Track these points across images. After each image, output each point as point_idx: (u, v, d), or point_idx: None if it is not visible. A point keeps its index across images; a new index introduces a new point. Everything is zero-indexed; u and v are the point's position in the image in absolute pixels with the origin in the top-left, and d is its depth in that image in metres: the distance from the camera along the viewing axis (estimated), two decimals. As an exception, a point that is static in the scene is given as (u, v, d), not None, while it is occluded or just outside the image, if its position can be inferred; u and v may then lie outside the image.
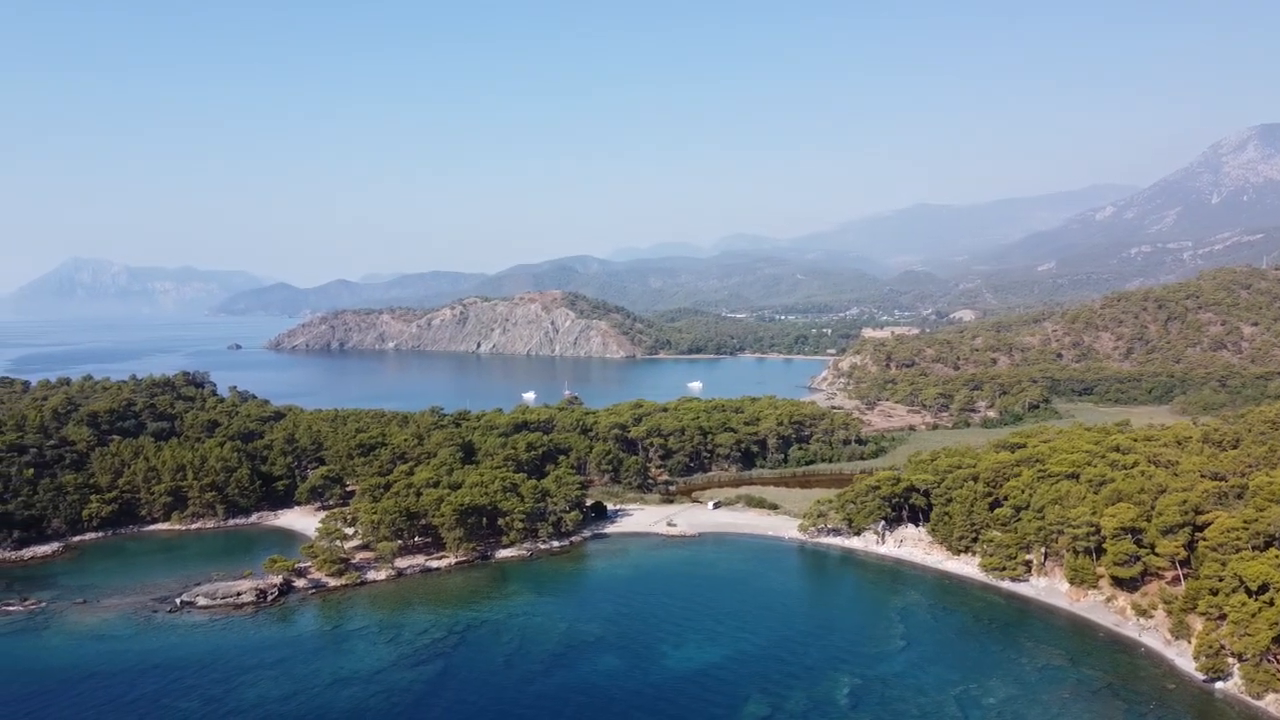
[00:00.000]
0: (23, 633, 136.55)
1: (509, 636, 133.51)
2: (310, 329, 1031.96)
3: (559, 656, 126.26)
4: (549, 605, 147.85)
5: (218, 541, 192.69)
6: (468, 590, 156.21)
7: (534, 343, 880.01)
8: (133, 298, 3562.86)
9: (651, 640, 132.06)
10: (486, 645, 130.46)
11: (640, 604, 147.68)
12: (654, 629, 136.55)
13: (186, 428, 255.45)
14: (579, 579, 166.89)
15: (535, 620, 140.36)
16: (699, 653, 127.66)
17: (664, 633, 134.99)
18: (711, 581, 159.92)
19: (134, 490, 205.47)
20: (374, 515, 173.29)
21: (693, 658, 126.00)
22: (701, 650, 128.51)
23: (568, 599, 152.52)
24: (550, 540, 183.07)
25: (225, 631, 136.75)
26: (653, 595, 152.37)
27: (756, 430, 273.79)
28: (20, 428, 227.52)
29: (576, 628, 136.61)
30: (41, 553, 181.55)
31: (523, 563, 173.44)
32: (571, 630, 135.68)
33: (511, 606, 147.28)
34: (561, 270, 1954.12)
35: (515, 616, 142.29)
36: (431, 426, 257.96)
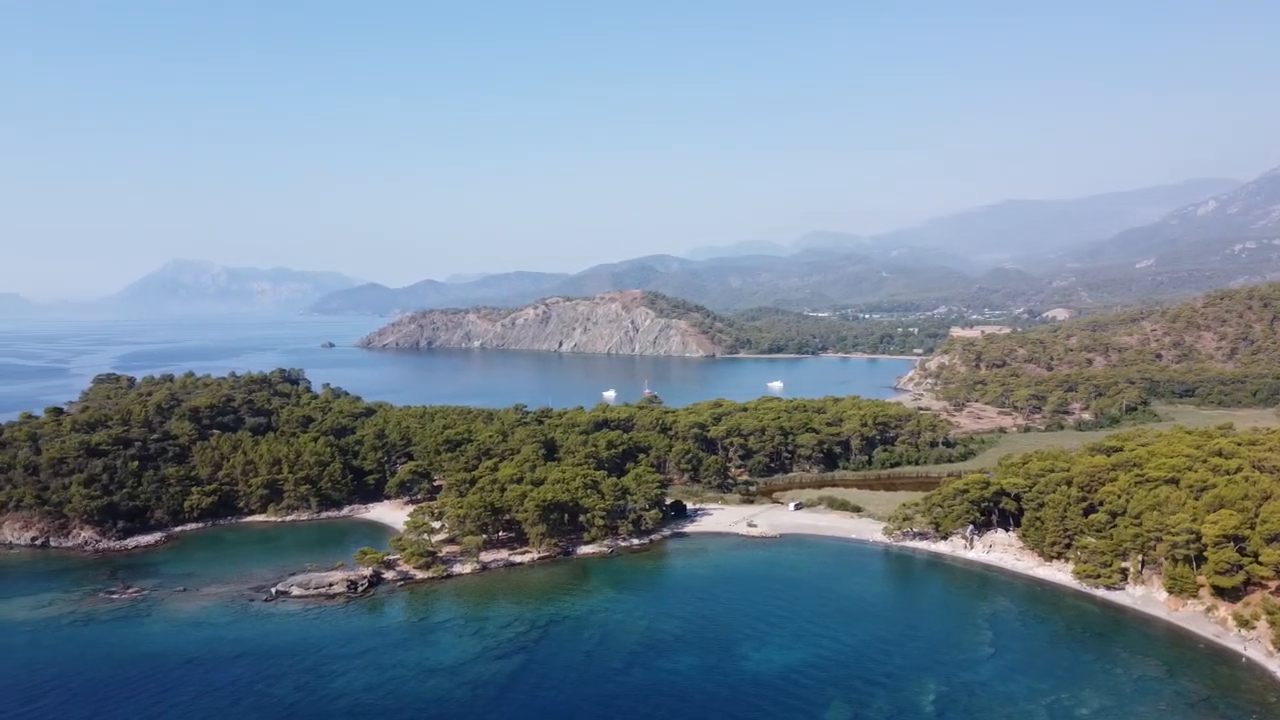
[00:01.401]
0: (126, 619, 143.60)
1: (590, 632, 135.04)
2: (400, 328, 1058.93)
3: (639, 654, 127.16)
4: (629, 602, 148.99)
5: (311, 533, 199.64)
6: (550, 585, 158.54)
7: (614, 342, 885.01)
8: (231, 297, 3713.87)
9: (732, 641, 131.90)
10: (568, 641, 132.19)
11: (720, 604, 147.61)
12: (734, 629, 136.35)
13: (282, 423, 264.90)
14: (659, 577, 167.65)
15: (615, 617, 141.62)
16: (780, 655, 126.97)
17: (744, 633, 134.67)
18: (793, 583, 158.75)
19: (232, 483, 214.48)
20: (460, 510, 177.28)
21: (774, 659, 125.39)
22: (783, 652, 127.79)
23: (648, 597, 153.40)
24: (630, 538, 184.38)
25: (317, 621, 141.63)
26: (733, 596, 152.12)
27: (839, 431, 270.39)
28: (126, 422, 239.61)
29: (656, 626, 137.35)
30: (145, 542, 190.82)
31: (603, 559, 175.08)
32: (651, 628, 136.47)
33: (592, 603, 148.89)
34: (641, 270, 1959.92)
35: (596, 613, 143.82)
36: (515, 423, 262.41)
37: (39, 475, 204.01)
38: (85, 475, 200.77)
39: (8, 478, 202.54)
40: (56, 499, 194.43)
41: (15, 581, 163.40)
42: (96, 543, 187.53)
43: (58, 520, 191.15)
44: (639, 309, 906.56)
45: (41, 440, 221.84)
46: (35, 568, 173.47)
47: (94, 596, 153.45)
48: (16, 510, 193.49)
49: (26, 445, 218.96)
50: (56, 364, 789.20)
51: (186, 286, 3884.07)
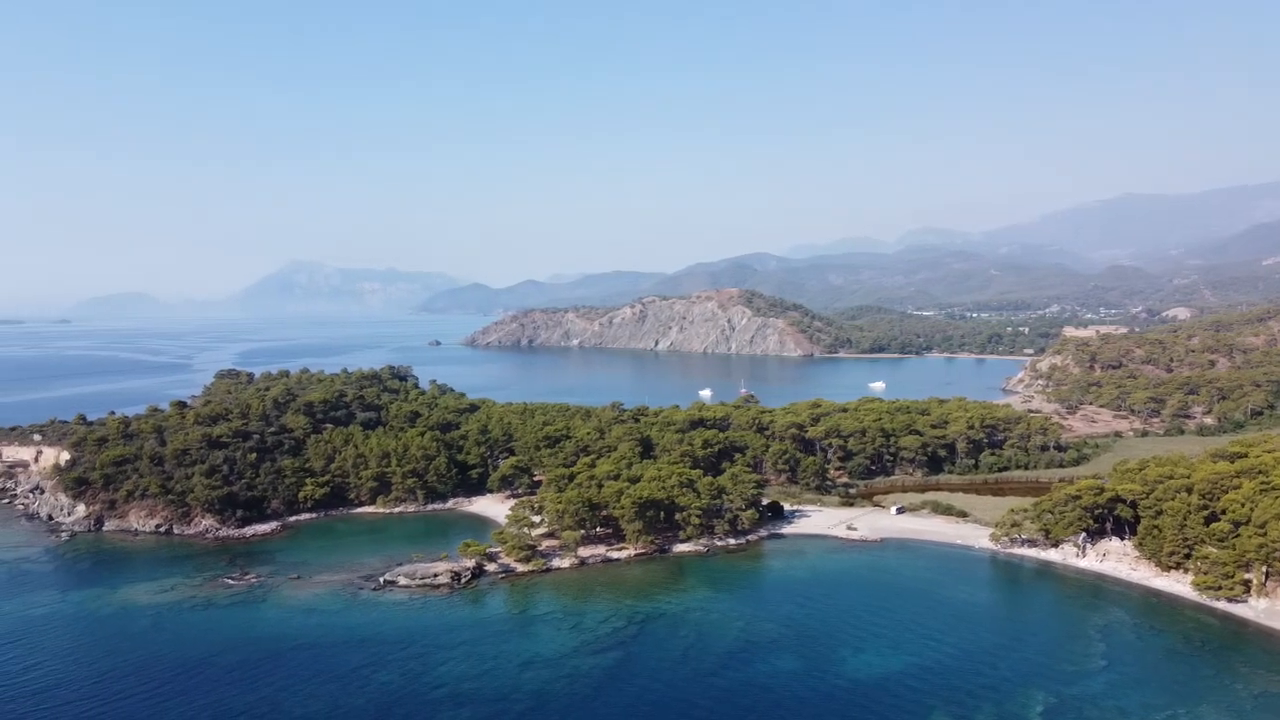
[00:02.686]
0: (242, 604, 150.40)
1: (686, 631, 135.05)
2: (502, 326, 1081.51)
3: (735, 654, 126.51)
4: (725, 602, 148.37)
5: (417, 525, 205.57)
6: (646, 582, 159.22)
7: (710, 340, 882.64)
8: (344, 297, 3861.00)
9: (830, 644, 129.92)
10: (664, 638, 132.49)
11: (818, 607, 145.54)
12: (833, 633, 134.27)
13: (391, 418, 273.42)
14: (756, 578, 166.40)
15: (712, 616, 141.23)
16: (880, 660, 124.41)
17: (843, 637, 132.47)
18: (894, 588, 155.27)
19: (344, 475, 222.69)
20: (559, 505, 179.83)
21: (873, 665, 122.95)
22: (883, 658, 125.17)
23: (744, 597, 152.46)
24: (727, 537, 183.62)
25: (423, 610, 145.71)
26: (831, 599, 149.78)
27: (944, 433, 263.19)
28: (245, 416, 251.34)
29: (753, 627, 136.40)
30: (261, 531, 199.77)
31: (699, 558, 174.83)
32: (748, 629, 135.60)
33: (689, 601, 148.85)
34: (739, 268, 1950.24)
35: (692, 611, 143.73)
36: (612, 421, 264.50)
37: (164, 466, 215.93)
38: (207, 466, 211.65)
39: (134, 468, 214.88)
40: (180, 488, 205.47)
41: (140, 567, 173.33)
42: (216, 531, 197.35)
43: (181, 509, 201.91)
44: (736, 308, 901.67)
45: (166, 432, 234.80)
46: (159, 554, 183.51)
47: (213, 582, 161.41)
48: (142, 499, 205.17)
49: (152, 437, 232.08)
50: (181, 360, 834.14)
51: (302, 286, 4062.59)
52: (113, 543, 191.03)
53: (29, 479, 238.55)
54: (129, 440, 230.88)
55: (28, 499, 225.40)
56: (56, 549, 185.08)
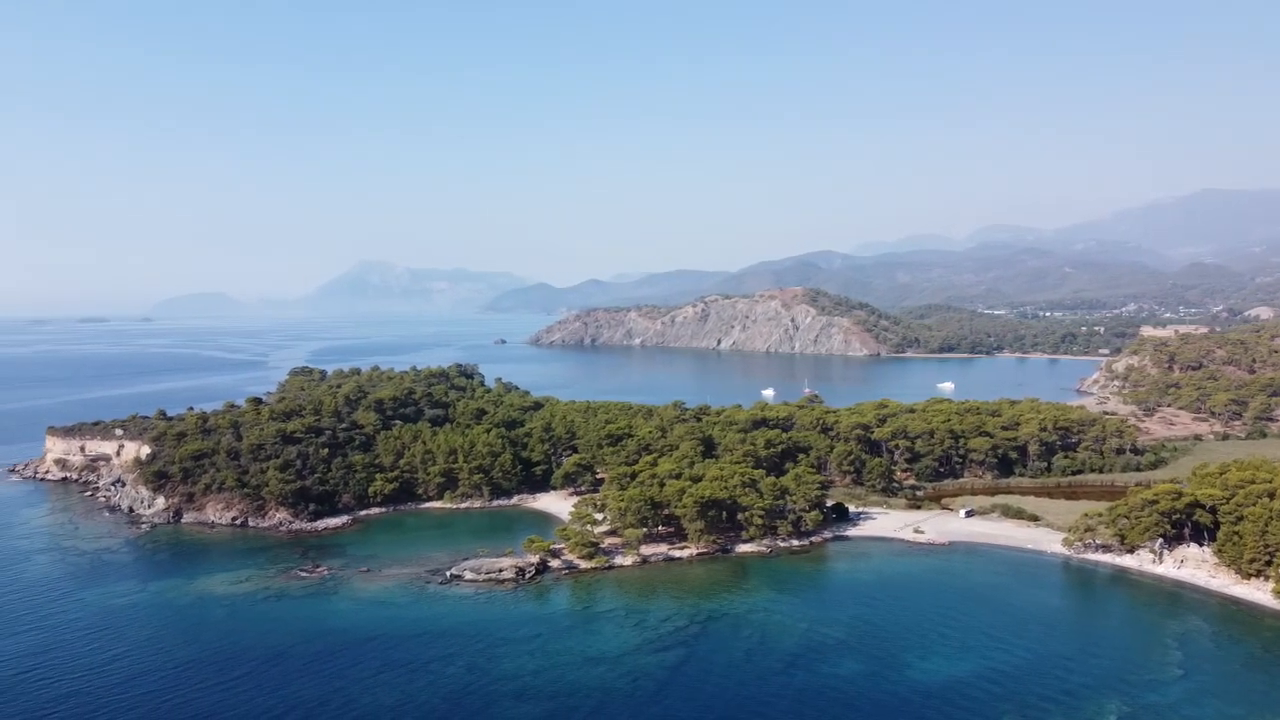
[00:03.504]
0: (315, 596, 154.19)
1: (749, 631, 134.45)
2: (565, 325, 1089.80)
3: (798, 656, 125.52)
4: (789, 604, 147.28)
5: (483, 520, 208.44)
6: (709, 582, 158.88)
7: (774, 340, 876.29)
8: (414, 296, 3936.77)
9: (896, 648, 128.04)
10: (726, 638, 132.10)
11: (884, 610, 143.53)
12: (899, 637, 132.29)
13: (458, 415, 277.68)
14: (819, 579, 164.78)
15: (775, 618, 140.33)
16: (947, 665, 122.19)
17: (910, 641, 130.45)
18: (962, 593, 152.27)
19: (412, 470, 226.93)
20: (621, 503, 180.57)
21: (940, 670, 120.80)
22: (950, 663, 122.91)
23: (808, 599, 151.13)
24: (790, 538, 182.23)
25: (488, 605, 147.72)
26: (897, 602, 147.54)
27: (1015, 435, 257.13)
28: (318, 412, 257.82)
29: (817, 629, 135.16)
30: (333, 524, 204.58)
31: (762, 559, 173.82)
32: (812, 631, 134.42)
33: (751, 602, 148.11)
34: (803, 266, 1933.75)
35: (755, 612, 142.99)
36: (674, 420, 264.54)
37: (239, 460, 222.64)
38: (281, 461, 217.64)
39: (212, 462, 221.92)
40: (255, 482, 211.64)
41: (216, 558, 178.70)
42: (290, 524, 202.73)
43: (256, 502, 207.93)
44: (800, 306, 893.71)
45: (242, 428, 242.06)
46: (234, 546, 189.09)
47: (286, 574, 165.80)
48: (219, 492, 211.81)
49: (229, 432, 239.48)
50: (257, 357, 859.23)
51: (373, 286, 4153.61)
52: (190, 535, 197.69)
53: (111, 472, 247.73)
54: (207, 435, 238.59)
55: (110, 492, 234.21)
56: (136, 540, 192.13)
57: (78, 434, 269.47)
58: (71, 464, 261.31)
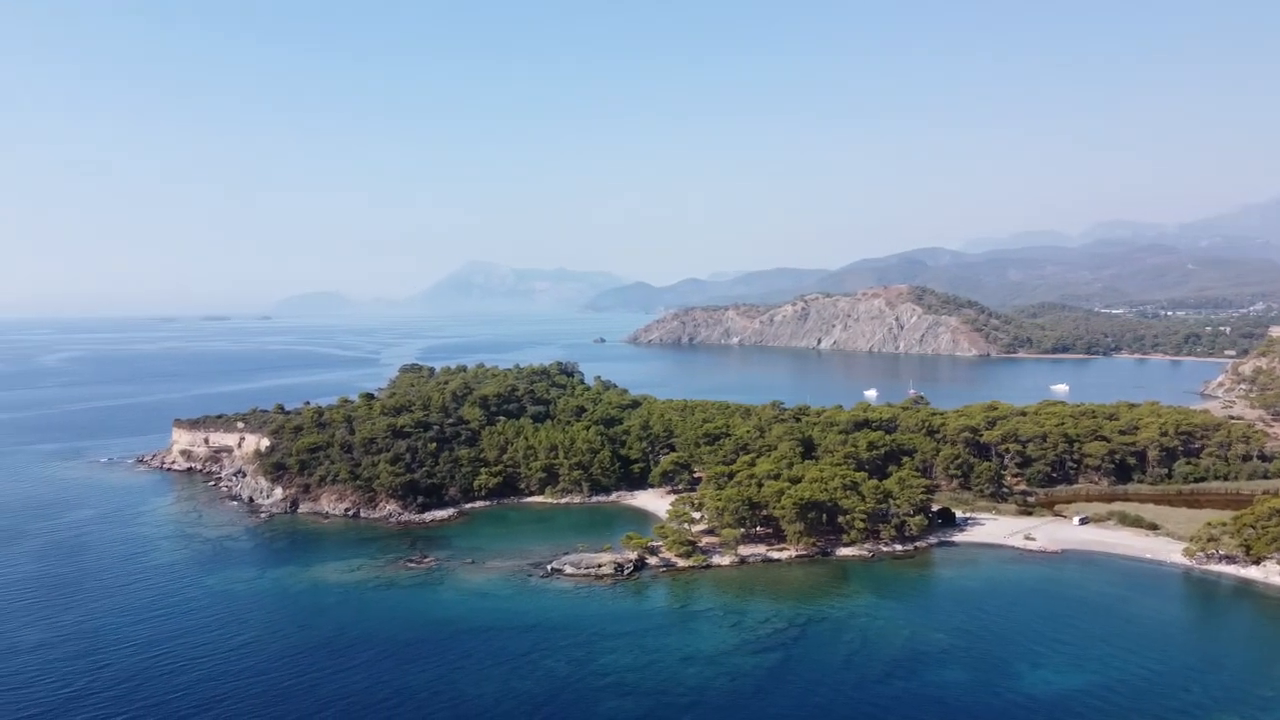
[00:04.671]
0: (422, 586, 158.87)
1: (849, 636, 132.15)
2: (663, 324, 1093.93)
3: (901, 663, 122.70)
4: (891, 609, 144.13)
5: (582, 515, 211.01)
6: (808, 584, 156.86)
7: (876, 339, 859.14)
8: (517, 296, 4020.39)
9: (1005, 658, 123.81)
10: (826, 642, 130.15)
11: (992, 618, 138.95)
12: (1007, 646, 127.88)
13: (559, 412, 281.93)
14: (924, 585, 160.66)
15: (877, 623, 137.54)
16: (1059, 677, 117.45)
17: (1019, 651, 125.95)
18: (1075, 603, 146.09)
19: (515, 465, 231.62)
20: (718, 502, 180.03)
21: (1052, 681, 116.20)
22: (1062, 675, 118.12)
23: (911, 605, 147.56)
24: (893, 543, 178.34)
25: (587, 600, 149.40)
26: (1006, 611, 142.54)
27: (1133, 440, 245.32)
28: (426, 407, 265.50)
29: (921, 635, 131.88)
30: (440, 517, 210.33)
31: (863, 563, 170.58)
32: (915, 637, 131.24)
33: (852, 606, 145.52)
34: (908, 264, 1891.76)
35: (856, 617, 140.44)
36: (772, 420, 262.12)
37: (352, 453, 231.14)
38: (391, 454, 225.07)
39: (326, 455, 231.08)
40: (367, 475, 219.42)
41: (330, 548, 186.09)
42: (399, 515, 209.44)
43: (367, 494, 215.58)
44: (904, 305, 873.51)
45: (355, 422, 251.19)
46: (347, 536, 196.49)
47: (396, 564, 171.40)
48: (333, 484, 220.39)
49: (343, 426, 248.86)
50: (370, 354, 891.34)
51: (479, 286, 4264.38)
52: (306, 524, 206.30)
53: (233, 463, 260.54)
54: (322, 429, 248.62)
55: (231, 482, 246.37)
56: (256, 529, 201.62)
57: (202, 426, 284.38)
58: (196, 455, 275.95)
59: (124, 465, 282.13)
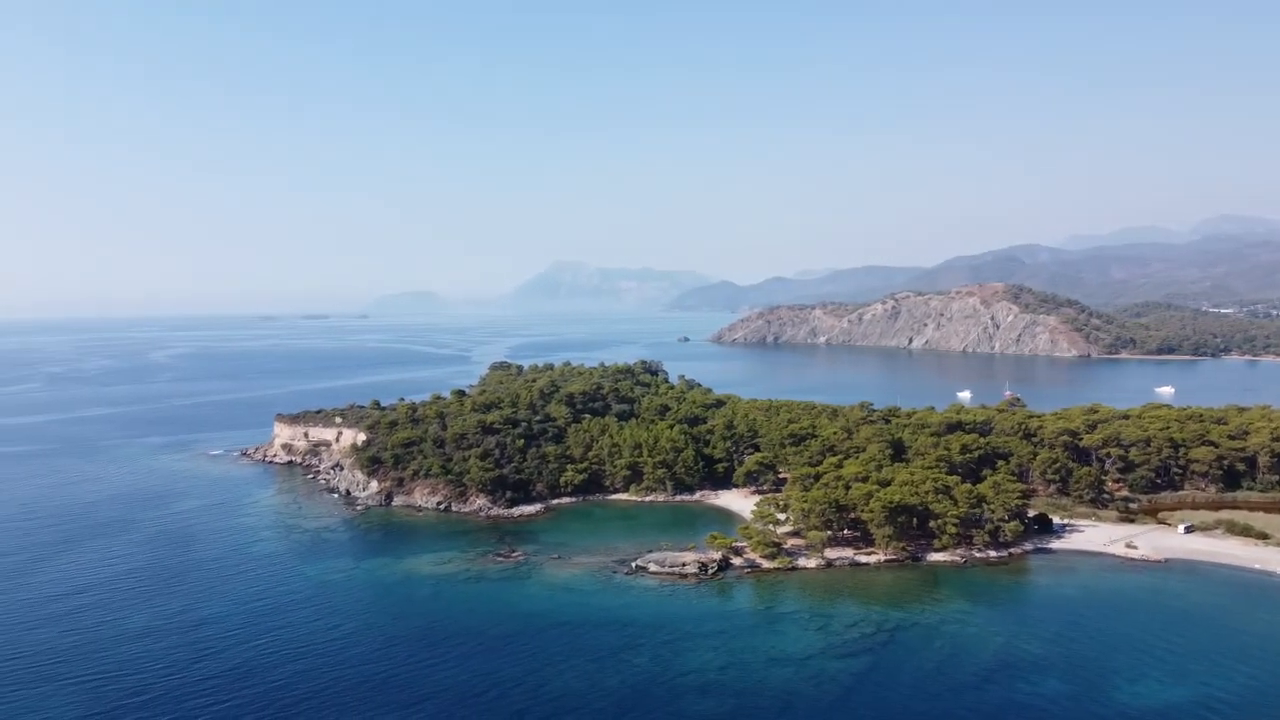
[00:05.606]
0: (510, 579, 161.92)
1: (941, 643, 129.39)
2: (748, 324, 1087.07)
3: (994, 671, 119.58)
4: (984, 617, 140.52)
5: (666, 514, 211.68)
6: (897, 589, 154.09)
7: (970, 339, 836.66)
8: (603, 295, 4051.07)
9: (1102, 669, 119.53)
10: (917, 648, 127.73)
11: (1089, 629, 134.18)
12: (1106, 657, 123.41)
13: (643, 410, 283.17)
14: (1019, 593, 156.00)
15: (969, 630, 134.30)
16: (1161, 690, 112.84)
17: (1118, 663, 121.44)
18: (1179, 614, 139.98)
19: (600, 463, 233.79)
20: (804, 504, 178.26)
21: (1152, 694, 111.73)
22: (1163, 688, 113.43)
23: (1006, 613, 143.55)
24: (986, 549, 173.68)
25: (671, 598, 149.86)
26: (1105, 622, 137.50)
27: (1243, 445, 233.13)
28: (515, 404, 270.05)
29: (1015, 644, 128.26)
30: (527, 512, 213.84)
31: (955, 569, 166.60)
32: (1009, 646, 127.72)
33: (944, 612, 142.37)
34: (1005, 261, 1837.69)
35: (948, 623, 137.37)
36: (860, 421, 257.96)
37: (444, 448, 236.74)
38: (481, 450, 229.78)
39: (420, 449, 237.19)
40: (458, 469, 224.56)
41: (423, 540, 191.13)
42: (488, 509, 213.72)
43: (458, 488, 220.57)
44: (1000, 304, 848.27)
45: (447, 418, 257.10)
46: (439, 529, 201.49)
47: (485, 557, 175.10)
48: (426, 478, 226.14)
49: (435, 422, 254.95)
50: (461, 352, 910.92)
51: (565, 285, 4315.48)
52: (400, 517, 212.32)
53: (331, 457, 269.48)
54: (416, 425, 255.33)
55: (329, 475, 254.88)
56: (352, 520, 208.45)
57: (302, 421, 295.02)
58: (296, 448, 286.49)
59: (229, 458, 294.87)
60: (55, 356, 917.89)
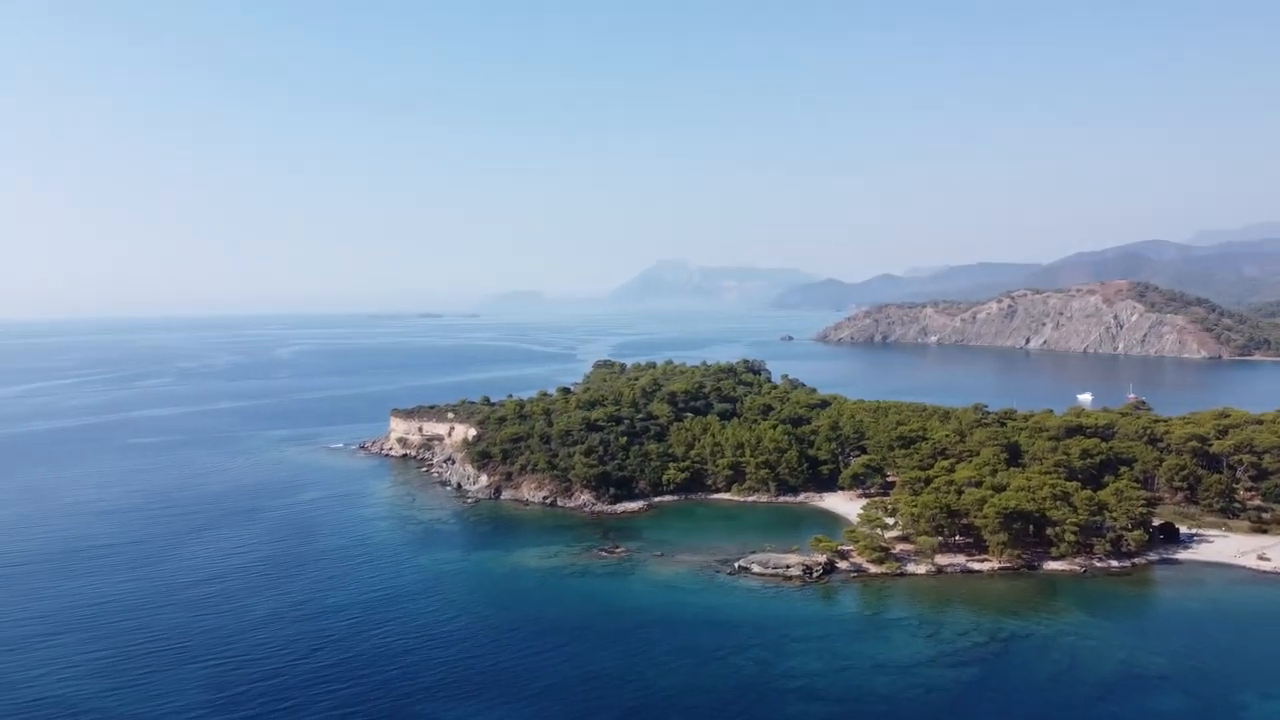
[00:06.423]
0: (614, 575, 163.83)
1: (1056, 655, 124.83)
2: (855, 322, 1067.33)
3: (1113, 686, 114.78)
4: (1104, 629, 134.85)
5: (768, 515, 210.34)
6: (1011, 598, 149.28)
7: (1092, 339, 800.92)
8: (703, 294, 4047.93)
9: (1230, 686, 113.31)
10: (1031, 659, 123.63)
11: (1217, 645, 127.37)
12: (1235, 675, 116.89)
13: (745, 410, 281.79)
14: (1141, 605, 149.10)
15: (1088, 643, 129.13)
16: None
17: (1247, 680, 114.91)
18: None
19: (702, 462, 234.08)
20: (914, 508, 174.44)
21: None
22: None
23: (1127, 626, 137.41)
24: (1107, 559, 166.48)
25: (775, 600, 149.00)
26: (1234, 637, 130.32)
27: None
28: (618, 402, 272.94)
29: (1136, 658, 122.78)
30: (630, 508, 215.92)
31: (1074, 579, 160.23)
32: (1130, 660, 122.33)
33: (1060, 624, 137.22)
34: (1128, 258, 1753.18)
35: (1064, 635, 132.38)
36: (974, 424, 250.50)
37: (550, 444, 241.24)
38: (585, 446, 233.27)
39: (527, 445, 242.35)
40: (563, 465, 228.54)
41: (529, 533, 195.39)
42: (592, 505, 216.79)
43: (563, 484, 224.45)
44: (1124, 302, 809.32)
45: (553, 415, 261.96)
46: (545, 523, 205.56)
47: (589, 552, 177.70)
48: (533, 473, 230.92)
49: (542, 418, 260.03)
50: (566, 350, 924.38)
51: (667, 284, 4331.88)
52: (507, 510, 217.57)
53: (443, 451, 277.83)
54: (523, 420, 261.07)
55: (441, 468, 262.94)
56: (463, 513, 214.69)
57: (416, 416, 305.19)
58: (410, 442, 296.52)
59: (348, 451, 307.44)
60: (186, 353, 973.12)
